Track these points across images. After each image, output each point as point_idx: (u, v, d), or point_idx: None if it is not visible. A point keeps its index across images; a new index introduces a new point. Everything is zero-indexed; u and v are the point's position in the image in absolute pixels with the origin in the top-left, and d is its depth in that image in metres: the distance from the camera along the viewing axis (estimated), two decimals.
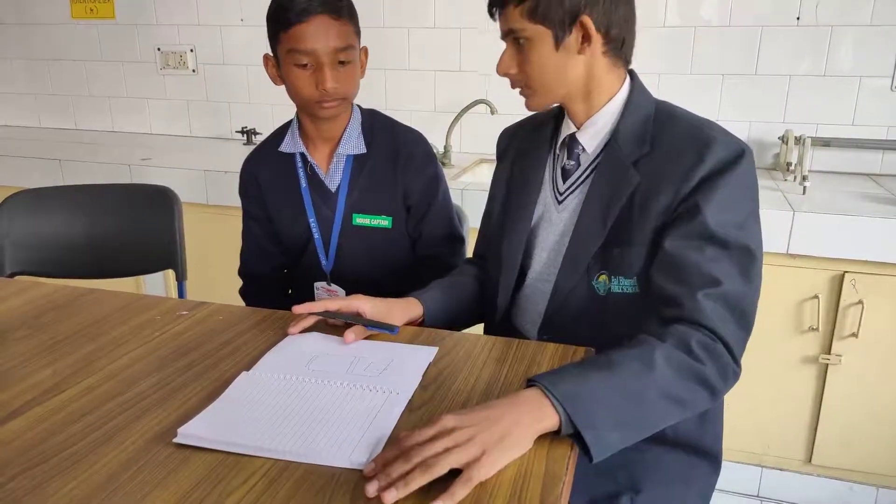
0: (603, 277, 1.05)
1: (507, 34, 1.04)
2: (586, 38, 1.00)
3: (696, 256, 0.95)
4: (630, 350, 0.90)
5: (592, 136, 1.09)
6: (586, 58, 1.02)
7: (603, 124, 1.08)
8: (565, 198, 1.11)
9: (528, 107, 1.10)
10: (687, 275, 0.95)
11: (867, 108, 2.15)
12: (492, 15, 1.05)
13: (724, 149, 0.98)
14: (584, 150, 1.10)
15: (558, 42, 1.00)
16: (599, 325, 0.97)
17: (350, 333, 1.07)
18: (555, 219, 1.13)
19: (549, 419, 0.80)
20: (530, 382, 0.85)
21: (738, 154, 0.99)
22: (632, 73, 1.09)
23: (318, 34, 1.25)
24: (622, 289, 1.04)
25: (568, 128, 1.11)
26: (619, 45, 1.03)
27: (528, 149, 1.19)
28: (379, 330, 1.09)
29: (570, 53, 1.01)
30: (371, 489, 0.73)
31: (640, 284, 1.03)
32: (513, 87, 1.08)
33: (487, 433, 0.76)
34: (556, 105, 1.13)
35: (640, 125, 1.05)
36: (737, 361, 0.94)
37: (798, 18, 2.13)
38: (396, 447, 0.77)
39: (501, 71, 1.06)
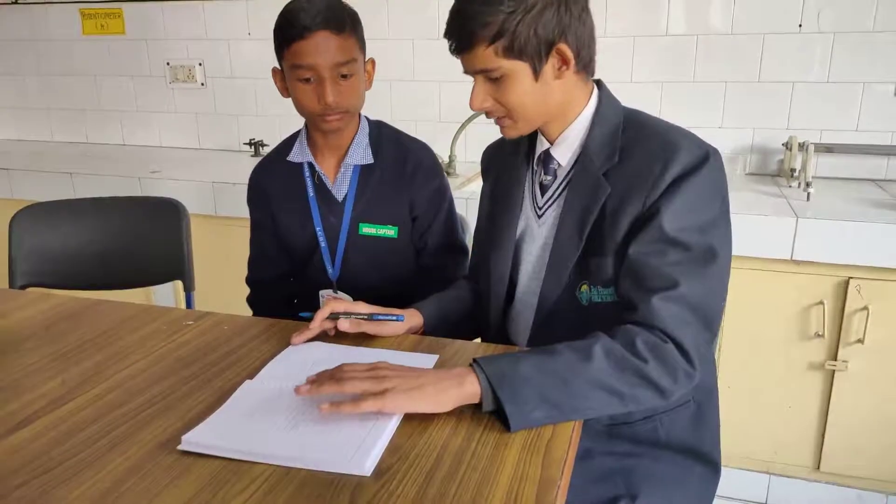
0: (584, 287, 1.07)
1: (478, 73, 1.03)
2: (564, 62, 1.01)
3: (657, 260, 0.97)
4: (574, 342, 0.94)
5: (565, 150, 1.10)
6: (562, 81, 1.03)
7: (574, 138, 1.09)
8: (544, 211, 1.13)
9: (508, 136, 1.10)
10: (645, 279, 0.97)
11: (871, 114, 2.15)
12: (455, 53, 1.03)
13: (687, 154, 0.99)
14: (559, 164, 1.11)
15: (537, 73, 1.01)
16: (586, 333, 0.98)
17: (344, 322, 1.10)
18: (536, 233, 1.14)
19: (470, 388, 0.89)
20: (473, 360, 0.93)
21: (702, 158, 0.99)
22: (598, 83, 1.11)
23: (318, 50, 1.27)
24: (602, 298, 1.05)
25: (542, 144, 1.13)
26: (588, 61, 1.05)
27: (508, 166, 1.21)
28: (385, 318, 1.12)
29: (548, 81, 1.02)
30: (302, 389, 0.90)
31: (617, 292, 1.04)
32: (488, 117, 1.08)
33: (403, 380, 0.88)
34: None
35: (608, 136, 1.06)
36: (691, 363, 0.94)
37: (800, 26, 2.14)
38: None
39: (476, 107, 1.05)
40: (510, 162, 1.20)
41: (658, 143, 1.02)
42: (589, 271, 1.06)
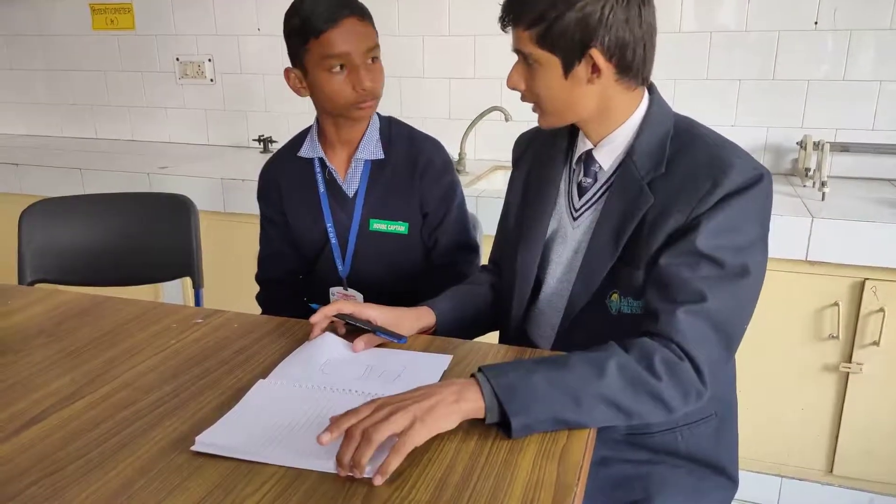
0: (615, 296, 1.04)
1: (518, 51, 1.02)
2: (596, 69, 0.97)
3: (688, 273, 0.94)
4: (588, 353, 0.91)
5: (609, 153, 1.06)
6: (597, 87, 0.99)
7: (620, 142, 1.05)
8: (581, 214, 1.10)
9: (541, 124, 1.08)
10: (673, 290, 0.94)
11: (887, 113, 2.12)
12: (503, 28, 1.03)
13: (740, 174, 0.95)
14: (600, 167, 1.08)
15: (567, 71, 0.98)
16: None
17: (360, 342, 1.07)
18: (569, 235, 1.11)
19: (471, 405, 0.85)
20: (479, 370, 0.89)
21: (754, 179, 0.95)
22: (651, 88, 1.06)
23: (349, 36, 1.27)
24: (632, 309, 1.03)
25: (584, 144, 1.09)
26: (636, 70, 1.00)
27: (544, 159, 1.17)
28: (388, 338, 1.09)
29: (579, 83, 0.99)
30: (342, 474, 0.79)
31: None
32: (523, 100, 1.06)
33: (417, 405, 0.82)
34: None
35: (656, 144, 1.02)
36: (703, 382, 0.92)
37: (816, 23, 2.11)
38: (338, 427, 0.82)
39: (510, 85, 1.05)
40: (546, 155, 1.17)
41: (710, 159, 0.98)
42: (620, 281, 1.03)
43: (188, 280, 1.80)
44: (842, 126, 2.17)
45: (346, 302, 1.12)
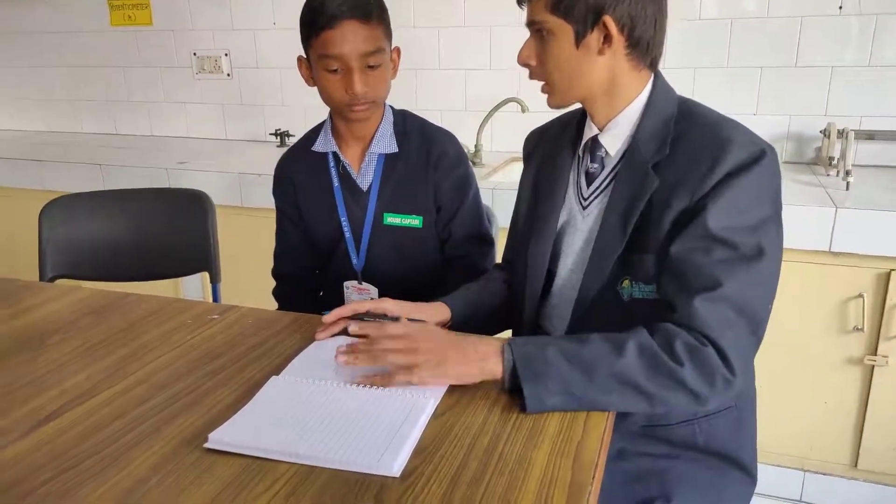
0: (626, 282, 1.03)
1: (531, 24, 1.02)
2: (607, 39, 0.98)
3: (701, 258, 0.93)
4: (611, 334, 0.93)
5: (614, 137, 1.06)
6: (607, 59, 1.00)
7: (624, 126, 1.05)
8: (590, 203, 1.09)
9: (549, 104, 1.08)
10: (687, 279, 0.93)
11: None
12: (520, 3, 1.04)
13: (741, 151, 0.94)
14: (606, 153, 1.07)
15: (579, 39, 0.98)
16: (624, 330, 0.95)
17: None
18: (580, 224, 1.10)
19: (493, 366, 0.92)
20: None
21: (756, 156, 0.94)
22: (656, 74, 1.06)
23: (346, 39, 1.26)
24: (643, 294, 1.02)
25: (590, 130, 1.09)
26: (645, 48, 1.00)
27: (553, 153, 1.17)
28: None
29: (590, 53, 0.99)
30: (340, 358, 0.96)
31: (658, 291, 1.01)
32: (531, 78, 1.06)
33: (432, 354, 0.93)
34: (579, 107, 1.11)
35: (660, 127, 1.02)
36: (731, 368, 0.90)
37: (840, 7, 2.06)
38: (373, 328, 1.00)
39: (521, 60, 1.05)
40: (555, 149, 1.17)
41: (710, 138, 0.97)
42: (631, 267, 1.02)
43: (207, 275, 1.80)
44: (867, 113, 2.11)
45: (361, 302, 1.11)
